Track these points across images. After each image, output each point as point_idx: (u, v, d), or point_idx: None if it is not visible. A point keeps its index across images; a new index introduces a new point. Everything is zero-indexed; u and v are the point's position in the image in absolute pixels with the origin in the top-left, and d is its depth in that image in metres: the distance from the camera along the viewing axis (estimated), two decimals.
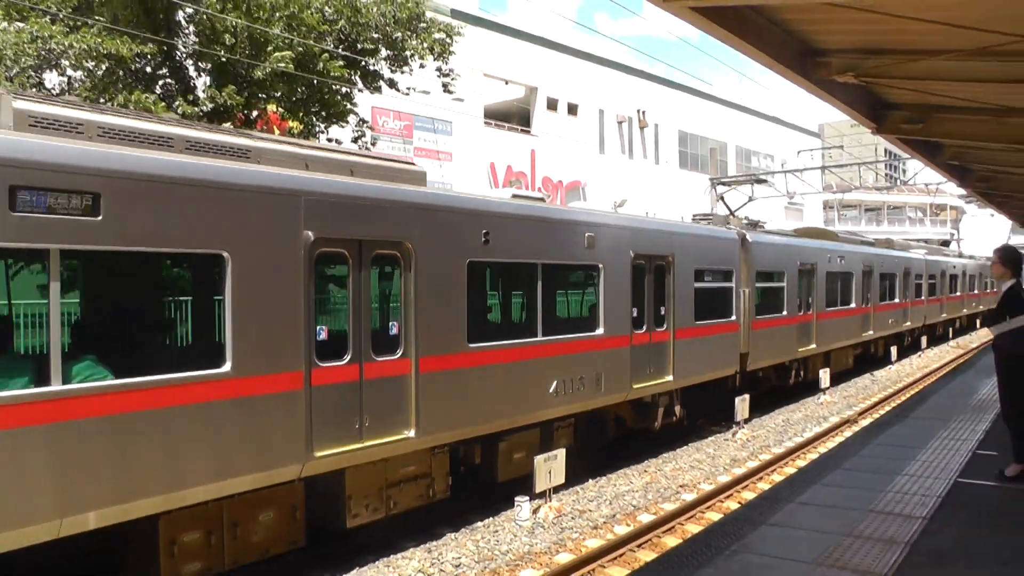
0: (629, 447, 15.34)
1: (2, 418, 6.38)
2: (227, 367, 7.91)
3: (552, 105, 41.27)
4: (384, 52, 20.02)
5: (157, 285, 8.78)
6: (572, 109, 42.37)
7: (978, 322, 46.02)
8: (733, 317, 17.54)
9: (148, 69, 17.78)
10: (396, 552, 10.19)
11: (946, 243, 69.17)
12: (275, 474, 8.43)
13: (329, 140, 21.07)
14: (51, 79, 17.09)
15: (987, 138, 12.70)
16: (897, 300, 30.20)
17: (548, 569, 9.64)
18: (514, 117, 40.69)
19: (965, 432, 12.06)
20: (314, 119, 20.01)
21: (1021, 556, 6.75)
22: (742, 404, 17.09)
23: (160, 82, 18.03)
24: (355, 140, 21.13)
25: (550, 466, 11.53)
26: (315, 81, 18.38)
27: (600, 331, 13.23)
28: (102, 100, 16.01)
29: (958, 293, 41.37)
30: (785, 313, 20.33)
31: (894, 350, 29.53)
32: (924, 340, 34.07)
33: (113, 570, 8.23)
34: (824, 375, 21.90)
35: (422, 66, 20.83)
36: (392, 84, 20.84)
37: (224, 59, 16.99)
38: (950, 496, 8.62)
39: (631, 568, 9.71)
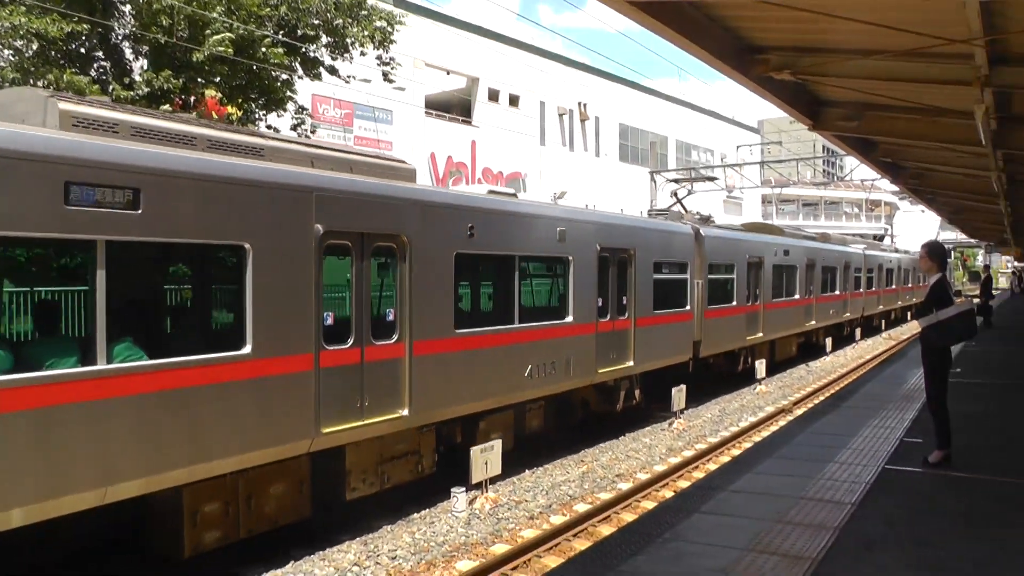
0: (585, 430, 15.47)
1: (94, 389, 7.27)
2: (247, 349, 8.59)
3: (493, 96, 41.23)
4: (324, 39, 19.78)
5: (187, 274, 9.38)
6: (513, 100, 42.36)
7: (909, 314, 47.23)
8: (688, 307, 18.67)
9: (82, 50, 17.31)
10: (332, 545, 10.11)
11: (880, 238, 70.76)
12: (289, 448, 9.20)
13: (268, 127, 20.76)
14: None
15: (918, 137, 13.03)
16: (838, 292, 31.72)
17: (484, 560, 9.67)
18: (455, 108, 40.54)
19: (894, 420, 12.36)
20: (253, 105, 19.72)
21: (941, 539, 6.96)
22: (678, 394, 17.32)
23: (95, 64, 17.60)
24: (294, 128, 20.87)
25: (486, 457, 11.56)
26: (255, 67, 18.10)
27: (570, 319, 14.12)
28: (31, 81, 15.55)
29: (893, 286, 43.11)
30: (735, 303, 21.45)
31: (829, 341, 30.23)
32: (858, 332, 34.95)
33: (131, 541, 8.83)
34: (760, 366, 22.28)
35: (363, 54, 20.63)
36: (333, 71, 20.62)
37: (162, 42, 16.63)
38: (878, 482, 8.83)
39: (566, 557, 9.78)
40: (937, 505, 7.98)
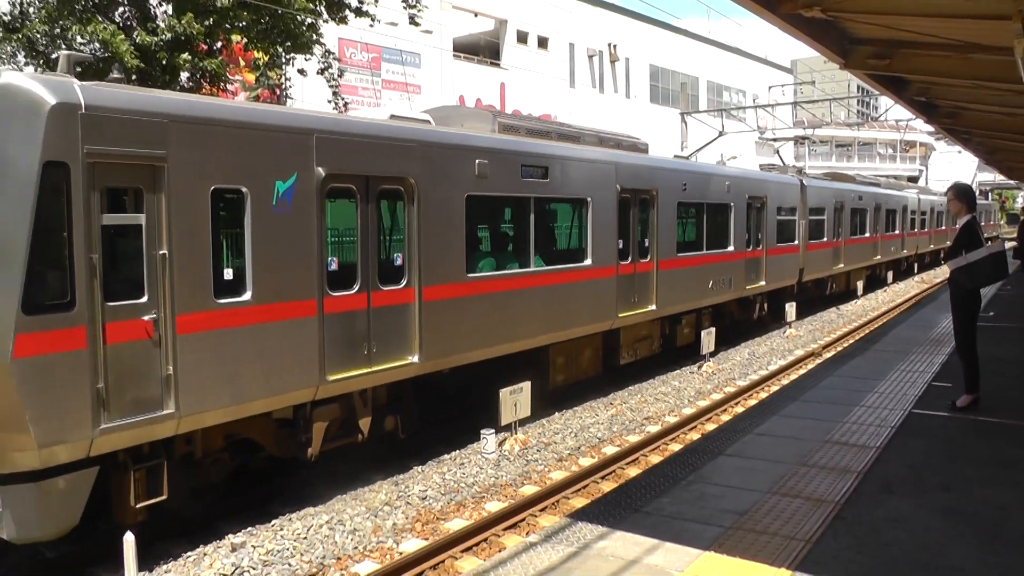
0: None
1: (525, 282, 12.57)
2: (588, 262, 13.92)
3: (522, 38, 40.67)
4: None
5: (566, 216, 14.36)
6: (542, 43, 41.77)
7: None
8: (796, 242, 23.71)
9: None
10: (364, 485, 10.31)
11: (914, 179, 69.58)
12: (600, 325, 14.49)
13: (300, 71, 20.76)
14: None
15: (952, 74, 12.70)
16: (897, 232, 35.93)
17: (513, 501, 9.81)
18: (483, 50, 40.07)
19: (923, 364, 12.32)
20: (279, 50, 19.61)
21: (964, 483, 6.97)
22: (707, 337, 17.34)
23: (119, 10, 17.54)
24: (321, 72, 20.77)
25: (515, 399, 11.66)
26: (279, 11, 17.96)
27: (731, 248, 19.30)
28: (57, 31, 15.54)
29: (942, 227, 46.01)
30: (825, 239, 26.32)
31: (860, 284, 30.18)
32: (890, 275, 34.78)
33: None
34: (790, 309, 22.26)
35: None
36: (359, 13, 20.41)
37: None
38: (904, 426, 8.84)
39: (593, 498, 9.88)
40: (963, 450, 7.97)
